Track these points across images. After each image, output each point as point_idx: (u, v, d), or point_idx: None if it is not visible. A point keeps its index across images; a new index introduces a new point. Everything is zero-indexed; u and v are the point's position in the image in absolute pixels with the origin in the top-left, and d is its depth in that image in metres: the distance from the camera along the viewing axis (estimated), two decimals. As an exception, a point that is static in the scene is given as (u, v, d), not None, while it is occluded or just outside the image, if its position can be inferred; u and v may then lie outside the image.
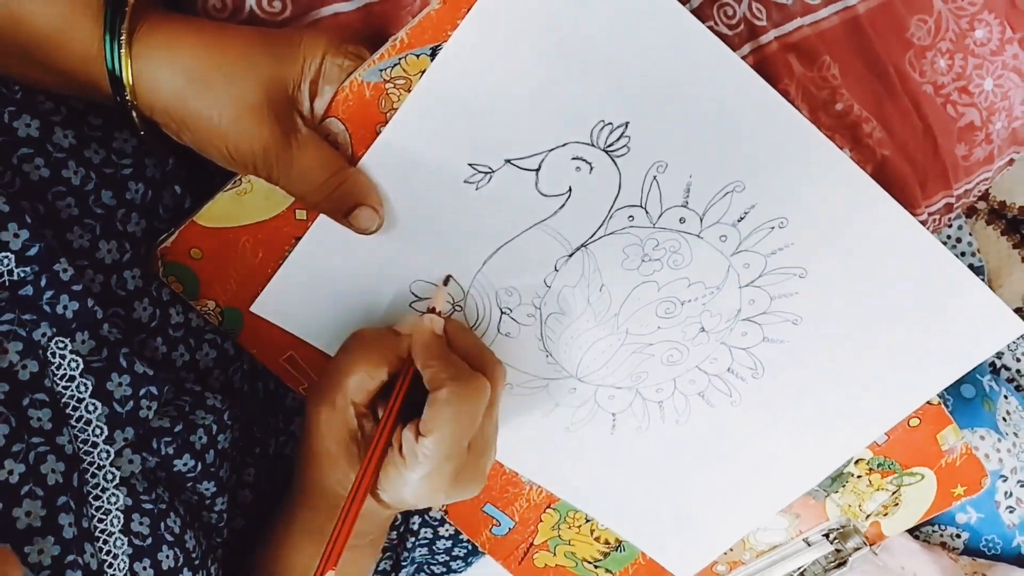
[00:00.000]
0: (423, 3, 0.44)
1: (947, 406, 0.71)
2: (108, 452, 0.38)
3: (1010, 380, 0.79)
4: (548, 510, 0.56)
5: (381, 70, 0.40)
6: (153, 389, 0.40)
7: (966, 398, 0.72)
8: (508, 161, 0.42)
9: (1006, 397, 0.73)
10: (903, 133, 0.52)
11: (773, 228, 0.45)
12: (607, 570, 0.59)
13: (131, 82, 0.38)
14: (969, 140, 0.53)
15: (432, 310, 0.44)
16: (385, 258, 0.45)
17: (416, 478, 0.41)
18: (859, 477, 0.56)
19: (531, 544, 0.58)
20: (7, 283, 0.37)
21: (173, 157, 0.45)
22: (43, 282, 0.37)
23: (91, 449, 0.38)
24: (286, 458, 0.52)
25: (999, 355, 0.77)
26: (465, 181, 0.43)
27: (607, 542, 0.58)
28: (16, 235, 0.37)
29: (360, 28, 0.44)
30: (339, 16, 0.44)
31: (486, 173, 0.42)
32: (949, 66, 0.51)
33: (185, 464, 0.42)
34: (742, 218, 0.45)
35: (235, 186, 0.43)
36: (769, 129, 0.42)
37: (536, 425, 0.52)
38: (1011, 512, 0.70)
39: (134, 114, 0.39)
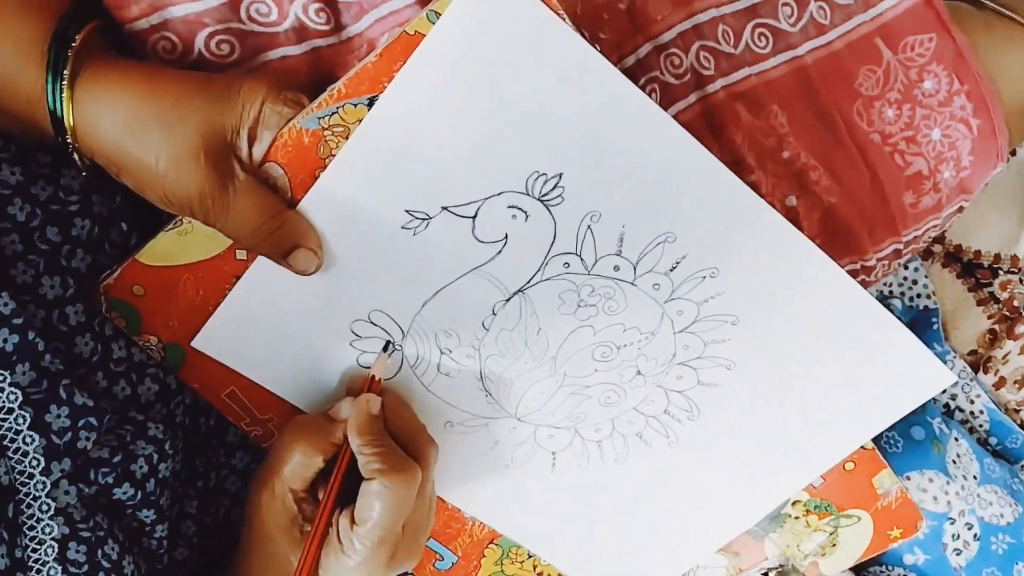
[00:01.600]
0: (370, 48, 0.45)
1: (897, 447, 0.72)
2: (44, 483, 0.39)
3: (964, 422, 0.80)
4: (491, 545, 0.57)
5: (319, 118, 0.42)
6: (92, 420, 0.40)
7: (916, 440, 0.72)
8: (445, 208, 0.43)
9: (956, 439, 0.74)
10: (850, 181, 0.53)
11: (704, 278, 0.46)
12: None
13: (72, 124, 0.39)
14: (917, 188, 0.54)
15: (372, 380, 0.46)
16: (325, 298, 0.46)
17: (353, 564, 0.43)
18: (797, 518, 0.57)
19: (473, 578, 0.59)
20: None
21: (120, 194, 0.46)
22: None
23: (27, 480, 0.39)
24: (228, 492, 0.53)
25: (952, 396, 0.78)
26: (403, 227, 0.44)
27: None
28: None
29: (307, 72, 0.45)
30: (287, 59, 0.45)
31: (423, 219, 0.44)
32: (897, 116, 0.51)
33: (125, 492, 0.42)
34: (674, 267, 0.46)
35: (176, 226, 0.44)
36: (698, 184, 0.44)
37: (477, 463, 0.53)
38: (958, 554, 0.71)
39: (75, 156, 0.40)
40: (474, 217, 0.44)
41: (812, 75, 0.51)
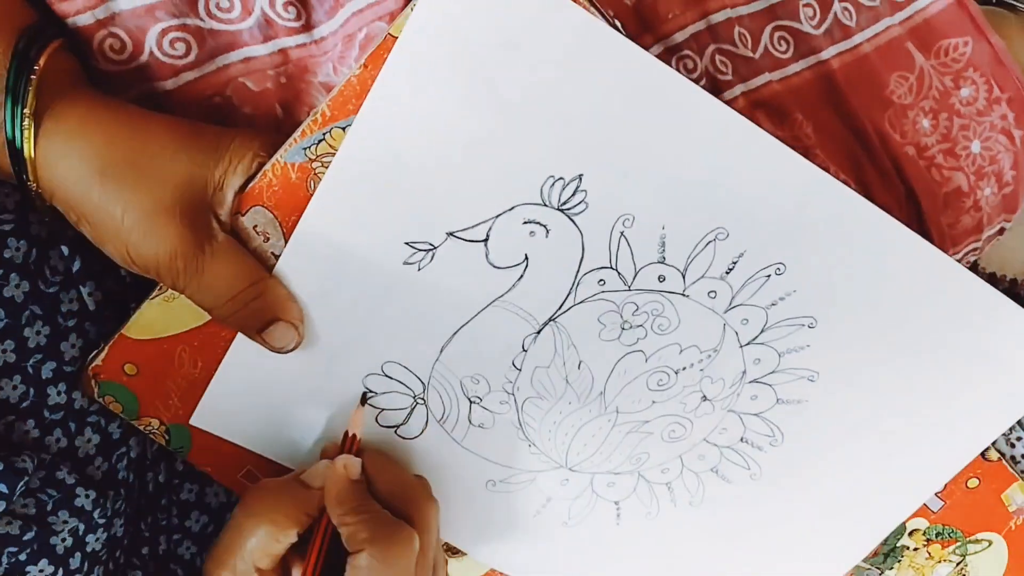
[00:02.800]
0: (345, 46, 0.39)
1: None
2: None
3: None
4: None
5: (305, 148, 0.36)
6: (1, 487, 0.34)
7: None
8: (451, 234, 0.37)
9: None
10: (883, 197, 0.47)
11: (769, 276, 0.39)
12: None
13: (32, 156, 0.34)
14: (956, 207, 0.48)
15: (348, 439, 0.39)
16: (331, 355, 0.40)
17: None
18: (916, 550, 0.48)
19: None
20: None
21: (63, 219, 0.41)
22: None
23: None
24: (181, 560, 0.46)
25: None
26: (405, 262, 0.37)
27: None
28: None
29: (273, 77, 0.39)
30: (250, 62, 0.39)
31: (427, 251, 0.37)
32: (933, 126, 0.46)
33: (42, 571, 0.37)
34: (731, 269, 0.39)
35: (160, 292, 0.38)
36: (747, 166, 0.36)
37: (529, 524, 0.46)
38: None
39: (32, 194, 0.35)
40: (485, 240, 0.37)
41: (839, 81, 0.45)
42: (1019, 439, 0.61)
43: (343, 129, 0.35)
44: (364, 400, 0.41)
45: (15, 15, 0.35)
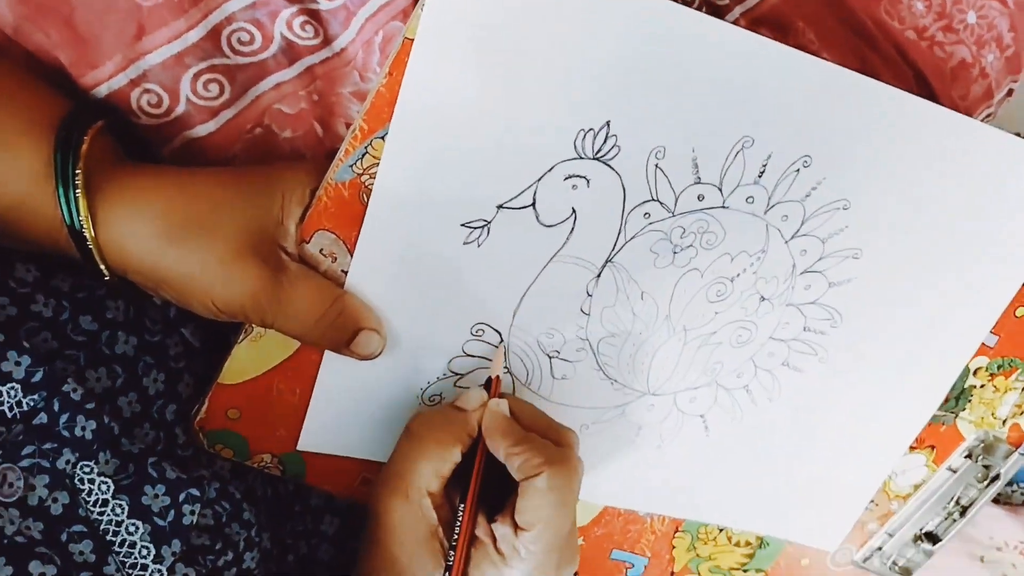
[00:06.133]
0: (366, 52, 0.41)
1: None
2: (160, 572, 0.36)
3: None
4: (678, 534, 0.53)
5: (351, 165, 0.37)
6: (194, 491, 0.37)
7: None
8: (500, 207, 0.39)
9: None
10: (894, 84, 0.48)
11: (799, 170, 0.41)
12: (757, 570, 0.55)
13: (94, 236, 0.35)
14: (964, 78, 0.49)
15: (494, 380, 0.42)
16: (414, 349, 0.42)
17: (518, 575, 0.38)
18: (982, 386, 0.51)
19: (672, 573, 0.54)
20: (19, 415, 0.34)
21: None
22: (55, 406, 0.35)
23: (141, 573, 0.36)
24: (321, 562, 0.49)
25: None
26: (464, 243, 0.39)
27: (748, 544, 0.54)
28: (18, 363, 0.34)
29: (305, 96, 0.41)
30: (281, 87, 0.41)
31: (482, 227, 0.39)
32: (927, 7, 0.47)
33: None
34: (762, 172, 0.41)
35: (247, 335, 0.40)
36: (761, 74, 0.38)
37: (626, 455, 0.48)
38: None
39: (103, 267, 0.36)
40: (533, 204, 0.39)
41: None
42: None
43: (382, 139, 0.37)
44: (501, 343, 0.43)
45: (53, 107, 0.36)
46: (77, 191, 0.35)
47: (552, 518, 0.38)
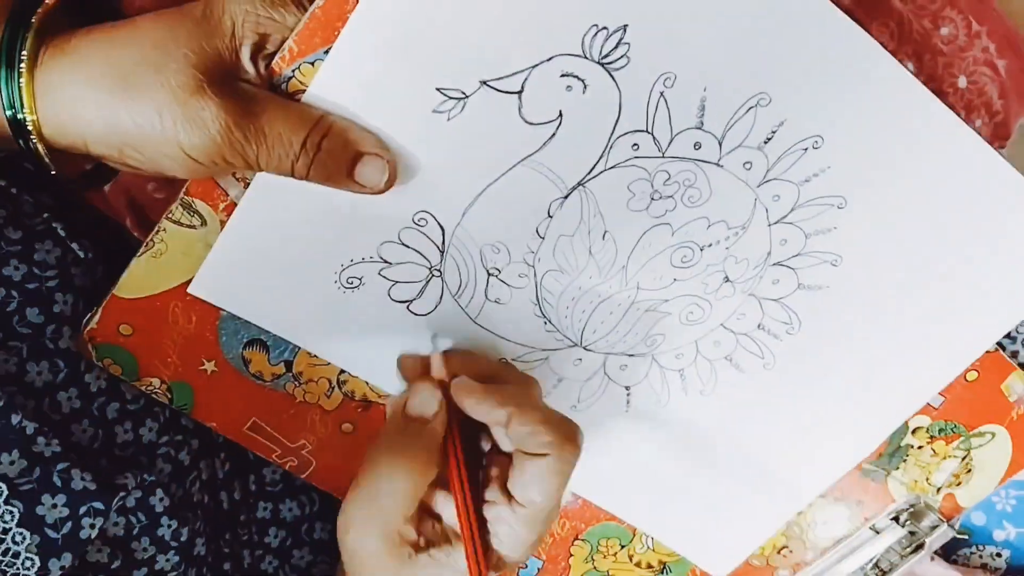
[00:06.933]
0: None
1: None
2: None
3: None
4: (576, 542, 0.49)
5: (280, 84, 0.35)
6: (97, 504, 0.35)
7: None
8: (484, 83, 0.35)
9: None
10: None
11: (807, 149, 0.38)
12: None
13: (36, 116, 0.33)
14: None
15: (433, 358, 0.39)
16: (345, 216, 0.37)
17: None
18: (920, 448, 0.48)
19: (562, 577, 0.51)
20: None
21: (102, 265, 0.41)
22: None
23: None
24: (265, 574, 0.47)
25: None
26: (434, 110, 0.35)
27: (650, 566, 0.50)
28: None
29: None
30: None
31: (458, 99, 0.35)
32: (919, 68, 0.45)
33: None
34: (769, 139, 0.37)
35: (148, 248, 0.37)
36: (799, 28, 0.35)
37: (538, 405, 0.45)
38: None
39: (48, 161, 0.34)
40: (520, 92, 0.35)
41: None
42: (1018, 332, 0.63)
43: (311, 64, 0.34)
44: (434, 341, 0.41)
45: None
46: (21, 79, 0.33)
47: (555, 496, 0.36)
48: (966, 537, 0.58)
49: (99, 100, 0.33)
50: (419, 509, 0.37)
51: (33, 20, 0.34)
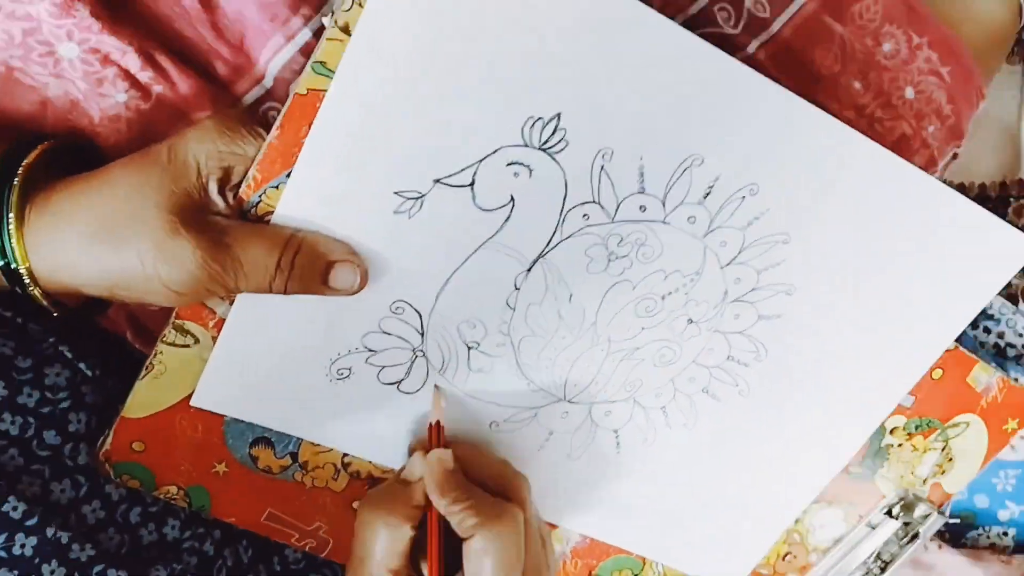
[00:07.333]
0: None
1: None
2: None
3: (1018, 357, 0.73)
4: None
5: (246, 212, 0.38)
6: None
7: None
8: (437, 181, 0.38)
9: (1016, 380, 0.69)
10: None
11: (744, 197, 0.41)
12: None
13: (29, 265, 0.36)
14: (906, 151, 0.50)
15: (434, 428, 0.42)
16: (328, 315, 0.40)
17: None
18: (900, 445, 0.51)
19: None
20: None
21: (112, 378, 0.44)
22: None
23: None
24: None
25: (1000, 335, 0.71)
26: (395, 211, 0.38)
27: None
28: None
29: None
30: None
31: (416, 199, 0.38)
32: (865, 86, 0.48)
33: None
34: (707, 193, 0.40)
35: (148, 371, 0.41)
36: (716, 89, 0.38)
37: (534, 460, 0.47)
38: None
39: (44, 301, 0.37)
40: (472, 184, 0.38)
41: (769, 70, 0.46)
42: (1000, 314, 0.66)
43: (276, 188, 0.37)
44: (437, 389, 0.43)
45: None
46: (12, 238, 0.36)
47: (495, 572, 0.37)
48: (957, 521, 0.61)
49: (85, 251, 0.36)
50: (413, 571, 0.39)
51: (16, 179, 0.36)
